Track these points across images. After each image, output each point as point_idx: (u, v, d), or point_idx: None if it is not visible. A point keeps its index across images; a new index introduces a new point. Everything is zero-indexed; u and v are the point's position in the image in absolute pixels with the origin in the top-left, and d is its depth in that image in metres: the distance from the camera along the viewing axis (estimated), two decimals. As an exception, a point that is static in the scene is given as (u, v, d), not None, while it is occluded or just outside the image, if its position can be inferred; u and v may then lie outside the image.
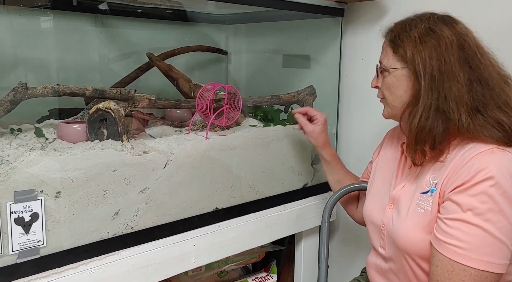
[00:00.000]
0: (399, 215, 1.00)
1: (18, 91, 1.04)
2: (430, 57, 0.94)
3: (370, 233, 1.13)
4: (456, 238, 0.86)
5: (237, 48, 1.92)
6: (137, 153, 1.10)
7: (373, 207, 1.11)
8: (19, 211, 0.92)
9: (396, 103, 1.03)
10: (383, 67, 1.04)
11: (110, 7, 1.50)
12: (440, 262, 0.89)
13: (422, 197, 0.96)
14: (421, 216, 0.95)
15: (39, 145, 1.07)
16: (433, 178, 0.96)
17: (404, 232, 0.97)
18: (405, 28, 1.00)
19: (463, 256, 0.85)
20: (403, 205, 1.00)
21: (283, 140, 1.43)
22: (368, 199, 1.16)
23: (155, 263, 1.13)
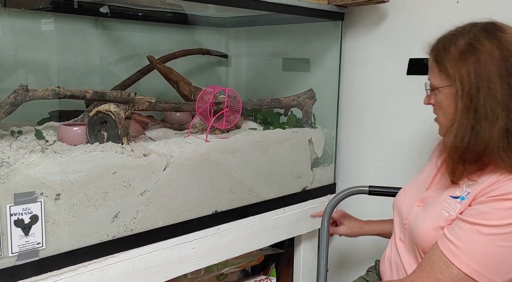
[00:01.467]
0: (423, 213, 1.01)
1: (19, 93, 1.04)
2: (468, 75, 0.91)
3: (395, 224, 1.14)
4: (458, 237, 0.88)
5: (237, 51, 1.93)
6: (137, 156, 1.10)
7: (404, 200, 1.12)
8: (19, 213, 0.92)
9: (445, 121, 1.00)
10: (432, 86, 1.02)
11: (111, 10, 1.51)
12: (432, 251, 0.92)
13: (451, 201, 0.96)
14: (443, 219, 0.95)
15: (39, 147, 1.07)
16: (467, 186, 0.95)
17: (423, 229, 0.98)
18: (445, 45, 0.97)
19: (454, 253, 0.87)
20: (430, 205, 1.01)
21: (283, 144, 1.44)
22: (403, 191, 1.17)
23: (155, 266, 1.13)
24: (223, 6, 1.51)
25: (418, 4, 1.47)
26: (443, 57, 0.97)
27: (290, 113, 1.58)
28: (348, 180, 1.67)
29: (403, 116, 1.53)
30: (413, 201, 1.08)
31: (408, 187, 1.16)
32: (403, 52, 1.50)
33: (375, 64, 1.59)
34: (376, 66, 1.59)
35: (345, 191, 1.35)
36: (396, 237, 1.11)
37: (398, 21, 1.52)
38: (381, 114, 1.59)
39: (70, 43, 1.52)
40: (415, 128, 1.50)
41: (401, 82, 1.52)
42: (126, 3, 1.52)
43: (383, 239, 1.59)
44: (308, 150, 1.52)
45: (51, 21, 1.41)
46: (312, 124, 1.57)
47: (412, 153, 1.51)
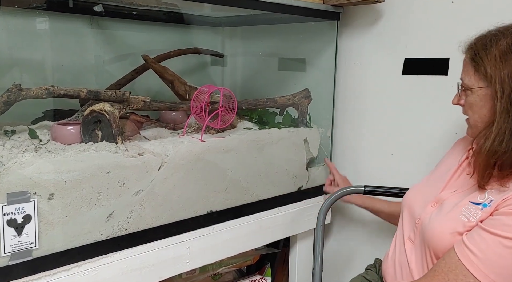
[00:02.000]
0: (439, 214, 0.99)
1: (12, 92, 1.03)
2: (510, 76, 0.89)
3: (404, 223, 1.11)
4: (478, 246, 0.86)
5: (232, 50, 1.93)
6: (131, 155, 1.10)
7: (416, 199, 1.09)
8: (12, 213, 0.91)
9: (478, 123, 0.98)
10: (465, 86, 0.99)
11: (106, 9, 1.50)
12: (449, 258, 0.89)
13: (471, 206, 0.94)
14: (462, 224, 0.93)
15: (32, 147, 1.06)
16: (490, 193, 0.94)
17: (439, 232, 0.96)
18: (485, 45, 0.94)
19: (473, 263, 0.85)
20: (447, 207, 0.99)
21: (278, 143, 1.44)
22: (414, 188, 1.14)
23: (149, 266, 1.13)
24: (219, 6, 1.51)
25: (413, 4, 1.47)
26: (482, 57, 0.94)
27: (286, 113, 1.58)
28: (343, 179, 1.67)
29: (399, 115, 1.53)
30: (427, 200, 1.05)
31: (421, 185, 1.14)
32: (399, 52, 1.50)
33: (371, 63, 1.59)
34: (372, 65, 1.59)
35: (340, 190, 1.35)
36: (404, 235, 1.09)
37: (393, 21, 1.52)
38: (377, 113, 1.59)
39: (65, 42, 1.51)
40: (410, 128, 1.50)
41: (396, 82, 1.52)
42: (121, 2, 1.51)
43: (378, 239, 1.60)
44: (303, 149, 1.52)
45: (45, 20, 1.40)
46: (308, 123, 1.57)
47: (408, 153, 1.51)
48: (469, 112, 1.00)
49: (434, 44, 1.42)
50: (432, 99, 1.43)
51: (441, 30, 1.40)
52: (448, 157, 1.16)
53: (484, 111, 0.96)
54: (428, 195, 1.07)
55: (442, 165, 1.15)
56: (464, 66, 1.00)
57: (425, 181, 1.15)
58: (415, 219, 1.06)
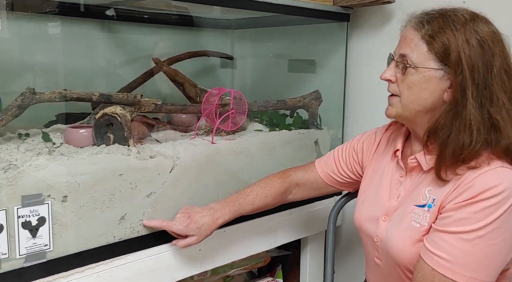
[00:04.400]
0: (393, 228, 0.97)
1: (26, 96, 1.05)
2: (477, 63, 0.84)
3: (364, 244, 1.09)
4: (444, 250, 0.85)
5: (242, 53, 1.93)
6: (143, 158, 1.10)
7: (365, 217, 1.06)
8: (26, 215, 0.92)
9: (414, 105, 0.92)
10: (409, 63, 0.90)
11: (116, 13, 1.52)
12: (422, 270, 0.88)
13: (418, 211, 0.93)
14: (417, 231, 0.92)
15: (46, 150, 1.07)
16: (429, 192, 0.92)
17: (399, 246, 0.94)
18: (449, 25, 0.87)
19: (446, 268, 0.84)
20: (397, 217, 0.97)
21: (289, 145, 1.43)
22: (359, 207, 1.10)
23: (161, 268, 1.13)
24: (228, 8, 1.51)
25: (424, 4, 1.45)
26: (446, 37, 0.86)
27: (296, 115, 1.58)
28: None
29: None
30: (377, 215, 1.02)
31: (363, 201, 1.09)
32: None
33: (381, 65, 1.57)
34: (382, 67, 1.57)
35: (352, 192, 1.34)
36: (371, 256, 1.07)
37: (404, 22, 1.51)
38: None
39: (77, 46, 1.53)
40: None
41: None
42: (131, 6, 1.53)
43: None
44: (314, 151, 1.52)
45: (57, 24, 1.42)
46: (318, 125, 1.56)
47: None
48: (404, 91, 0.92)
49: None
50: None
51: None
52: (375, 161, 1.11)
53: (425, 93, 0.90)
54: (374, 209, 1.04)
55: (370, 171, 1.11)
56: (411, 40, 0.91)
57: (364, 196, 1.10)
58: (373, 237, 1.03)
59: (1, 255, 0.90)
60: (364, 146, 1.18)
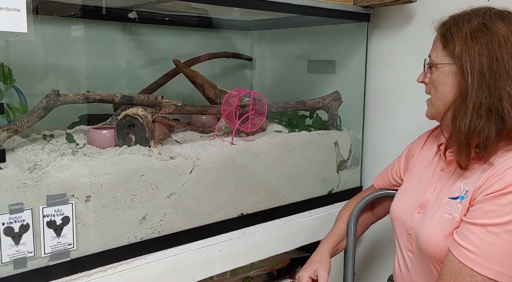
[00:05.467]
0: (426, 220, 0.98)
1: (51, 98, 1.07)
2: (480, 54, 0.89)
3: (398, 236, 1.10)
4: (472, 242, 0.85)
5: (262, 54, 1.93)
6: (164, 159, 1.12)
7: (402, 209, 1.08)
8: (51, 214, 0.94)
9: (439, 102, 0.98)
10: (431, 62, 1.00)
11: (137, 15, 1.54)
12: (450, 263, 0.88)
13: (451, 202, 0.94)
14: (448, 222, 0.93)
15: (70, 151, 1.10)
16: (464, 184, 0.94)
17: (431, 238, 0.95)
18: (458, 23, 0.95)
19: (473, 261, 0.84)
20: (431, 210, 0.98)
21: (308, 146, 1.43)
22: (398, 199, 1.13)
23: (181, 268, 1.14)
24: (248, 10, 1.52)
25: (447, 4, 1.42)
26: (452, 34, 0.94)
27: (316, 116, 1.57)
28: (375, 183, 1.64)
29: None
30: (413, 207, 1.04)
31: (402, 193, 1.12)
32: (431, 52, 1.47)
33: (402, 65, 1.57)
34: (403, 67, 1.56)
35: (372, 194, 1.33)
36: (402, 248, 1.07)
37: (426, 21, 1.48)
38: (408, 116, 1.56)
39: (99, 48, 1.55)
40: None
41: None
42: (152, 8, 1.54)
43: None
44: (334, 152, 1.51)
45: (80, 27, 1.44)
46: (338, 126, 1.55)
47: (441, 156, 1.48)
48: (432, 90, 1.00)
49: (468, 43, 1.38)
50: (467, 100, 1.39)
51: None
52: (420, 156, 1.14)
53: (445, 88, 0.96)
54: (411, 201, 1.06)
55: (417, 167, 1.13)
56: (434, 42, 1.01)
57: (405, 189, 1.13)
58: (407, 229, 1.04)
59: (27, 253, 0.92)
60: (412, 146, 1.22)
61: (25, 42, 1.28)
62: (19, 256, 0.91)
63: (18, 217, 0.91)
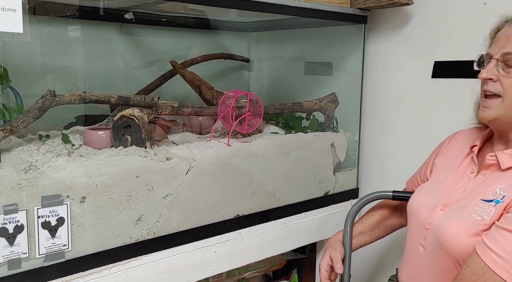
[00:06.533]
0: (450, 217, 0.97)
1: (47, 98, 1.07)
2: None
3: (411, 230, 1.08)
4: (502, 247, 0.83)
5: (259, 55, 1.93)
6: (159, 160, 1.11)
7: (422, 204, 1.06)
8: (46, 215, 0.94)
9: None
10: None
11: (135, 16, 1.54)
12: (474, 264, 0.86)
13: (483, 204, 0.92)
14: (476, 223, 0.91)
15: (65, 151, 1.09)
16: (501, 189, 0.92)
17: (453, 234, 0.93)
18: None
19: (500, 266, 0.83)
20: (458, 208, 0.97)
21: (305, 148, 1.43)
22: (418, 193, 1.11)
23: (177, 269, 1.14)
24: (245, 11, 1.52)
25: (443, 6, 1.44)
26: None
27: (312, 117, 1.57)
28: (371, 185, 1.65)
29: (428, 120, 1.50)
30: (435, 204, 1.02)
31: (425, 189, 1.10)
32: (428, 55, 1.47)
33: (399, 67, 1.57)
34: (400, 69, 1.57)
35: (368, 196, 1.32)
36: (414, 242, 1.06)
37: (422, 24, 1.50)
38: (405, 118, 1.56)
39: (96, 49, 1.55)
40: (440, 132, 1.46)
41: (425, 85, 1.49)
42: (149, 9, 1.54)
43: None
44: (330, 154, 1.51)
45: (78, 28, 1.44)
46: (335, 128, 1.55)
47: (438, 158, 1.48)
48: (510, 90, 0.92)
49: (465, 46, 1.39)
50: (463, 103, 1.39)
51: (473, 32, 1.36)
52: (447, 155, 1.13)
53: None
54: (435, 199, 1.04)
55: (443, 165, 1.11)
56: (508, 37, 0.93)
57: (428, 185, 1.11)
58: (425, 225, 1.02)
59: (21, 254, 0.92)
60: (441, 146, 1.20)
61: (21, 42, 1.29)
62: (13, 257, 0.91)
63: (12, 217, 0.90)
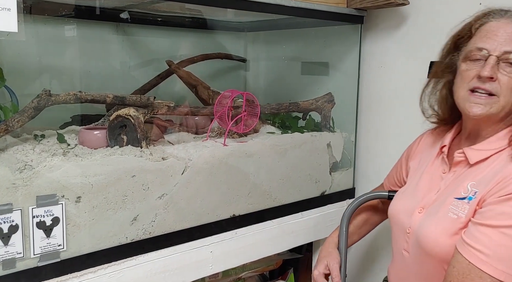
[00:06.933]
0: (428, 219, 0.98)
1: (42, 97, 1.06)
2: None
3: (394, 235, 1.10)
4: (483, 244, 0.84)
5: (255, 55, 1.93)
6: (155, 159, 1.11)
7: (401, 209, 1.08)
8: (41, 215, 0.94)
9: (508, 106, 0.93)
10: None
11: (131, 15, 1.53)
12: (458, 264, 0.87)
13: (457, 203, 0.93)
14: (453, 222, 0.92)
15: (61, 151, 1.09)
16: (472, 186, 0.93)
17: (433, 236, 0.94)
18: None
19: (484, 262, 0.83)
20: (434, 210, 0.98)
21: (301, 147, 1.43)
22: (396, 199, 1.13)
23: (173, 269, 1.14)
24: (242, 11, 1.52)
25: (439, 6, 1.44)
26: None
27: (309, 117, 1.57)
28: (367, 184, 1.65)
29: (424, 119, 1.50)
30: (413, 208, 1.04)
31: (402, 194, 1.12)
32: (424, 54, 1.48)
33: (395, 67, 1.57)
34: (396, 69, 1.57)
35: (364, 195, 1.33)
36: (398, 247, 1.07)
37: (418, 24, 1.50)
38: (401, 117, 1.56)
39: (92, 48, 1.55)
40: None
41: (421, 85, 1.49)
42: (146, 9, 1.54)
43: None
44: (326, 154, 1.51)
45: (73, 27, 1.44)
46: (331, 128, 1.56)
47: (433, 158, 1.48)
48: (506, 91, 0.91)
49: (461, 46, 1.39)
50: (459, 103, 1.40)
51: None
52: (419, 157, 1.14)
53: None
54: (412, 202, 1.05)
55: (416, 168, 1.13)
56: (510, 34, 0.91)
57: (405, 189, 1.13)
58: (405, 229, 1.04)
59: (16, 254, 0.92)
60: (411, 148, 1.22)
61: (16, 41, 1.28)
62: (8, 257, 0.91)
63: (7, 217, 0.90)
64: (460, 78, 0.97)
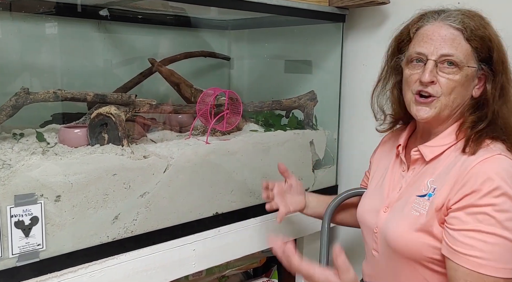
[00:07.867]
0: (393, 218, 1.00)
1: (20, 96, 1.05)
2: (504, 60, 0.94)
3: (364, 235, 1.12)
4: (478, 249, 0.84)
5: (239, 53, 1.93)
6: (137, 158, 1.11)
7: (367, 209, 1.10)
8: (19, 214, 0.93)
9: (454, 104, 0.95)
10: (457, 63, 0.92)
11: (113, 13, 1.52)
12: (457, 274, 0.86)
13: (419, 200, 0.96)
14: (415, 219, 0.94)
15: (40, 150, 1.08)
16: (431, 182, 0.96)
17: (398, 234, 0.96)
18: (484, 26, 0.93)
19: (485, 266, 0.84)
20: (398, 208, 1.00)
21: (284, 145, 1.44)
22: (362, 200, 1.15)
23: (155, 268, 1.14)
24: (225, 9, 1.52)
25: (419, 5, 1.45)
26: (483, 38, 0.92)
27: (292, 115, 1.58)
28: (350, 182, 1.66)
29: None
30: (378, 208, 1.05)
31: (367, 195, 1.15)
32: (405, 53, 1.49)
33: (377, 65, 1.57)
34: (378, 67, 1.57)
35: (346, 192, 1.34)
36: (369, 248, 1.09)
37: (399, 22, 1.50)
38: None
39: (73, 46, 1.53)
40: (417, 130, 1.49)
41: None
42: (128, 7, 1.53)
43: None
44: (309, 151, 1.52)
45: (54, 24, 1.42)
46: (314, 125, 1.57)
47: (414, 155, 1.50)
48: (447, 91, 0.94)
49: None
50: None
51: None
52: (380, 160, 1.17)
53: (466, 92, 0.95)
54: (376, 202, 1.07)
55: (379, 170, 1.15)
56: (452, 39, 0.93)
57: (370, 190, 1.15)
58: (373, 229, 1.05)
59: (-7, 254, 0.90)
60: (375, 150, 1.25)
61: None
62: (-15, 257, 0.90)
63: (-16, 217, 0.89)
64: (405, 82, 1.01)
